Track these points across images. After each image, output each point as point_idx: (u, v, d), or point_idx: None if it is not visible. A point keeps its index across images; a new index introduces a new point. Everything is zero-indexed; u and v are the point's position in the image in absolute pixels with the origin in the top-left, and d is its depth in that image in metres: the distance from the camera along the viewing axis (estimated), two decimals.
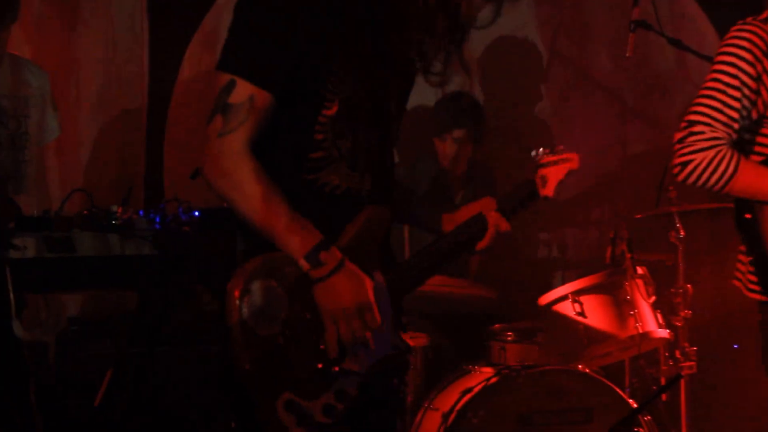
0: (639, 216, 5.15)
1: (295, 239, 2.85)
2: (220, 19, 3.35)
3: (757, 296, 3.75)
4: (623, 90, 6.23)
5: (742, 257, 3.85)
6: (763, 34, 3.61)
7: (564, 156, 3.57)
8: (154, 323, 4.24)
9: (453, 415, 4.77)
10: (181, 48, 5.75)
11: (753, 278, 3.76)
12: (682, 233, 4.98)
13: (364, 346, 2.95)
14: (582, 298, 5.06)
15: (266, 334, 2.85)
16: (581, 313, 5.04)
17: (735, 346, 5.84)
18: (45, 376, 4.46)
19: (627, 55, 5.18)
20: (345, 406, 2.93)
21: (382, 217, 3.05)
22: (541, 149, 3.55)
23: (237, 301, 2.80)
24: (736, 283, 3.90)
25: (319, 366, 2.92)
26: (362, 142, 3.00)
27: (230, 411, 3.06)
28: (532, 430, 4.78)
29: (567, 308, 5.09)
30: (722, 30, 4.17)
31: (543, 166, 3.50)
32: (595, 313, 5.05)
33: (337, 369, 2.95)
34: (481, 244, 3.30)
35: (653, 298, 5.03)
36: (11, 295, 3.73)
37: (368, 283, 2.93)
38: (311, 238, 2.84)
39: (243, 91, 2.81)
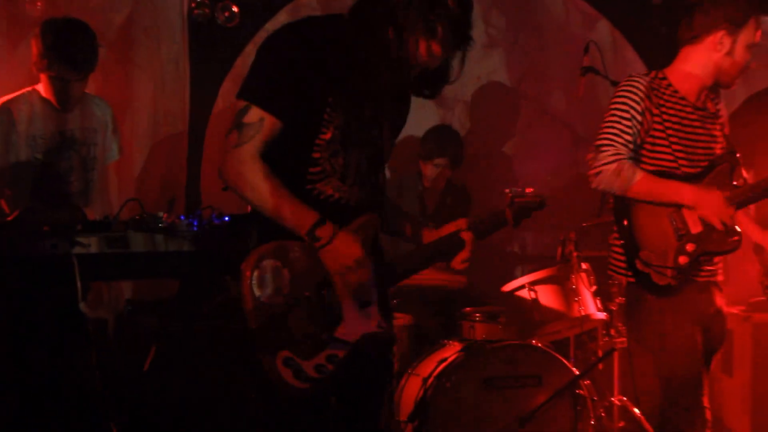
0: (585, 224, 5.17)
1: (298, 221, 2.95)
2: (247, 62, 3.40)
3: (624, 278, 4.04)
4: (575, 122, 6.24)
5: (615, 250, 4.05)
6: (644, 86, 3.88)
7: (533, 196, 3.45)
8: (191, 305, 4.30)
9: (431, 380, 4.80)
10: (216, 86, 5.79)
11: (623, 264, 3.96)
12: None
13: (368, 297, 3.08)
14: (537, 287, 5.15)
15: (270, 303, 2.94)
16: (536, 299, 5.12)
17: None
18: (106, 346, 4.52)
19: (579, 94, 5.22)
20: (334, 367, 3.01)
21: (372, 223, 3.13)
22: (513, 189, 3.46)
23: (249, 273, 2.90)
24: (609, 272, 4.11)
25: (316, 334, 3.01)
26: (352, 162, 3.06)
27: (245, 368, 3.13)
28: (494, 391, 4.78)
29: (524, 295, 5.16)
30: None
31: (515, 202, 3.39)
32: (547, 299, 5.13)
33: (329, 337, 3.02)
34: (464, 256, 3.30)
35: (594, 287, 5.10)
36: (78, 282, 3.77)
37: (358, 247, 3.01)
38: (310, 219, 2.94)
39: (255, 114, 2.93)
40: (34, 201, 4.64)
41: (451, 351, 4.96)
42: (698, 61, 4.00)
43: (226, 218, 4.11)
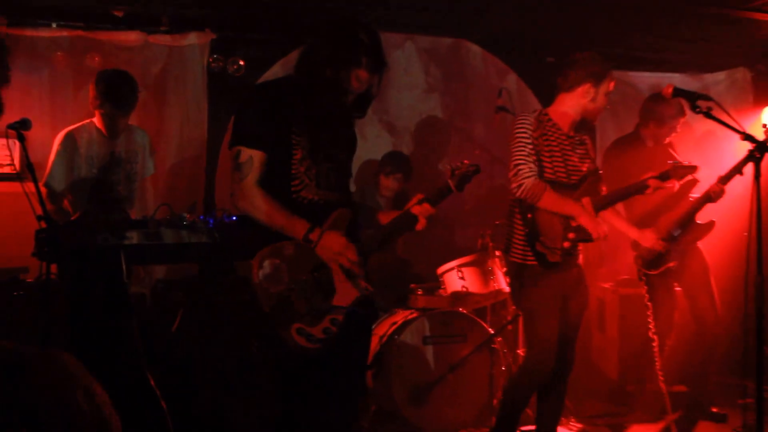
0: (497, 222, 5.15)
1: (293, 231, 3.05)
2: None
3: (519, 260, 4.07)
4: (492, 147, 6.28)
5: (516, 240, 4.11)
6: (532, 120, 4.02)
7: (468, 165, 3.42)
8: (208, 283, 4.31)
9: (385, 338, 4.87)
10: (227, 120, 5.73)
11: (520, 248, 4.06)
12: None
13: (358, 273, 3.13)
14: (463, 269, 5.16)
15: (276, 291, 3.00)
16: (462, 278, 5.15)
17: None
18: (144, 313, 4.53)
19: (494, 126, 5.27)
20: (337, 328, 3.08)
21: (345, 215, 3.19)
22: (452, 162, 3.48)
23: (256, 271, 3.00)
24: (511, 258, 4.17)
25: (316, 306, 3.07)
26: (322, 172, 3.17)
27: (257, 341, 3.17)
28: (431, 346, 4.83)
29: (454, 274, 5.18)
30: None
31: (455, 173, 3.38)
32: (470, 278, 5.14)
33: (328, 306, 3.09)
34: (420, 226, 3.32)
35: (505, 268, 5.07)
36: (124, 266, 3.78)
37: (342, 238, 3.09)
38: (302, 228, 3.05)
39: (245, 154, 3.07)
40: (90, 205, 4.65)
41: (400, 316, 5.03)
42: (571, 104, 4.14)
43: (234, 218, 4.15)
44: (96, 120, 4.78)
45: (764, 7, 5.57)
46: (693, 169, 4.51)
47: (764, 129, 4.39)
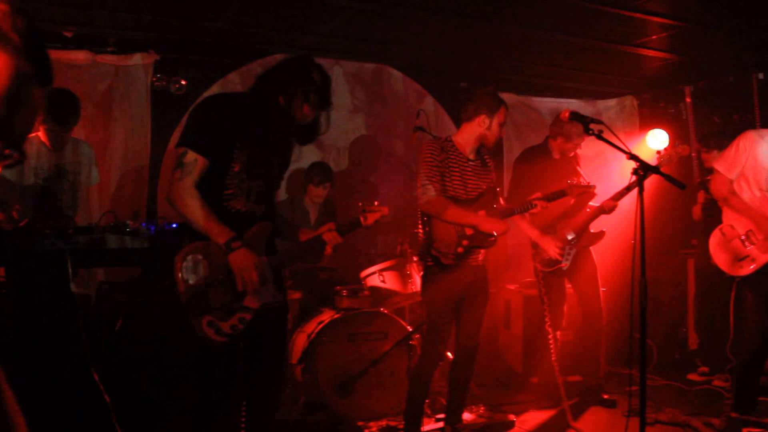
0: (414, 230, 5.17)
1: (220, 235, 3.05)
2: None
3: (425, 262, 4.26)
4: (410, 163, 6.33)
5: (420, 241, 4.27)
6: (439, 145, 4.20)
7: (379, 208, 3.60)
8: (149, 285, 4.22)
9: (313, 335, 4.82)
10: (169, 134, 5.73)
11: (424, 251, 4.23)
12: None
13: (260, 287, 3.13)
14: (384, 273, 5.18)
15: (194, 283, 2.99)
16: (383, 281, 5.18)
17: None
18: (90, 313, 4.41)
19: (413, 144, 5.30)
20: (243, 326, 3.10)
21: (265, 228, 3.20)
22: (365, 202, 3.62)
23: (179, 264, 3.01)
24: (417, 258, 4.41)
25: (228, 304, 3.09)
26: (253, 186, 3.17)
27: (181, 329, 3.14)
28: (355, 343, 4.80)
29: (376, 278, 5.22)
30: None
31: (365, 212, 3.54)
32: (391, 281, 5.16)
33: (239, 306, 3.11)
34: (327, 251, 3.39)
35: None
36: (69, 269, 3.69)
37: (256, 256, 3.08)
38: (228, 235, 3.05)
39: (190, 156, 3.03)
40: (37, 213, 4.51)
41: (327, 316, 4.98)
42: (471, 132, 4.34)
43: (174, 225, 4.10)
44: (41, 134, 4.65)
45: (648, 44, 5.78)
46: (588, 188, 4.65)
47: (657, 155, 4.55)
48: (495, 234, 4.20)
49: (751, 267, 4.70)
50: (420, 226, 4.25)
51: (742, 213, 4.70)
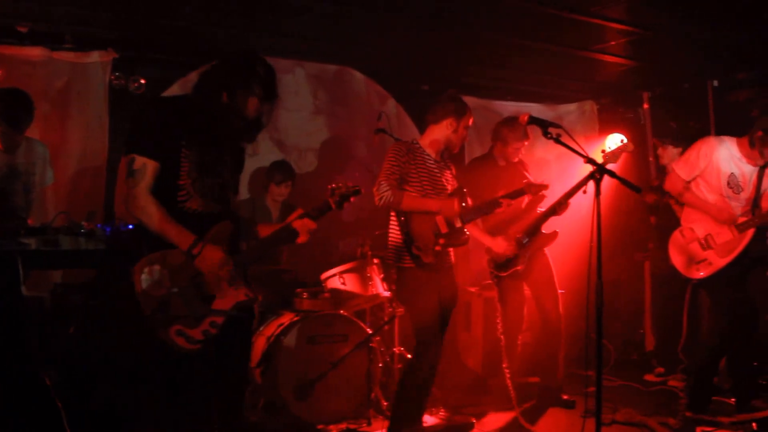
0: (377, 233, 5.17)
1: (180, 240, 2.97)
2: None
3: (401, 264, 4.24)
4: (372, 164, 6.27)
5: (394, 246, 4.27)
6: (405, 147, 4.24)
7: (348, 188, 3.50)
8: (105, 287, 4.13)
9: (272, 338, 4.78)
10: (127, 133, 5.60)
11: (398, 253, 4.23)
12: None
13: (230, 288, 3.07)
14: (344, 275, 5.12)
15: (157, 294, 2.90)
16: (344, 283, 5.12)
17: None
18: (43, 316, 4.31)
19: (374, 146, 5.27)
20: (216, 331, 3.03)
21: (226, 227, 3.13)
22: (336, 183, 3.51)
23: (138, 276, 2.91)
24: (388, 261, 4.34)
25: (194, 311, 3.01)
26: (207, 185, 3.08)
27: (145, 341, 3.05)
28: (315, 345, 4.74)
29: (336, 280, 5.15)
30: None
31: (335, 193, 3.44)
32: (351, 283, 5.10)
33: (208, 310, 3.04)
34: (301, 239, 3.32)
35: (382, 275, 5.12)
36: (21, 271, 3.61)
37: (221, 252, 3.02)
38: (188, 240, 2.97)
39: (139, 162, 2.96)
40: None
41: (286, 318, 4.93)
42: (437, 135, 4.38)
43: (130, 226, 4.02)
44: None
45: (607, 50, 5.82)
46: (544, 186, 4.68)
47: (602, 154, 4.57)
48: (467, 232, 4.29)
49: (707, 271, 4.77)
50: (395, 226, 4.25)
51: (696, 207, 4.81)
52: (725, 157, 4.74)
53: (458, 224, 4.29)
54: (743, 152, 4.74)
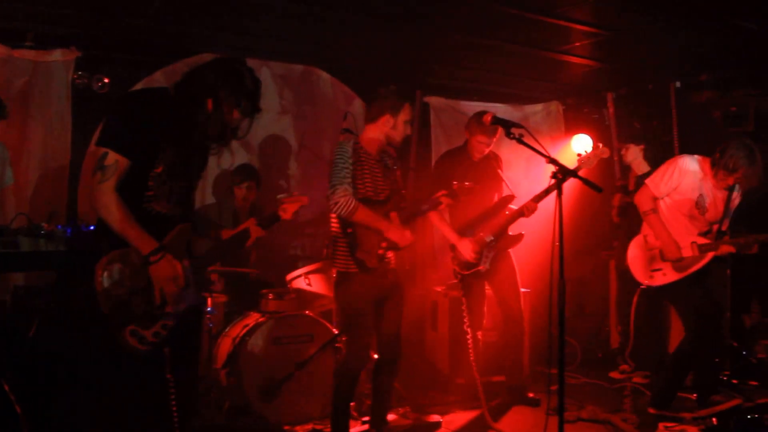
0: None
1: (140, 245, 2.92)
2: None
3: (346, 269, 4.17)
4: None
5: (340, 250, 4.19)
6: (349, 147, 4.14)
7: (297, 198, 3.61)
8: (66, 289, 4.07)
9: (238, 339, 4.75)
10: (90, 133, 5.46)
11: (343, 258, 4.16)
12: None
13: (178, 298, 3.01)
14: (310, 276, 5.12)
15: (116, 294, 2.86)
16: (309, 284, 5.11)
17: None
18: (4, 319, 4.24)
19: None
20: (167, 332, 3.01)
21: (185, 230, 3.10)
22: (284, 194, 3.64)
23: (99, 274, 2.86)
24: (334, 266, 4.26)
25: (151, 311, 2.98)
26: (174, 188, 3.05)
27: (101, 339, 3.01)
28: (280, 346, 4.74)
29: (302, 281, 5.14)
30: None
31: (283, 203, 3.52)
32: (316, 283, 5.11)
33: (161, 312, 3.00)
34: (250, 242, 3.39)
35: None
36: None
37: (178, 265, 2.99)
38: (148, 246, 2.93)
39: (111, 157, 2.89)
40: None
41: (252, 319, 4.91)
42: (376, 133, 4.29)
43: (92, 227, 3.97)
44: None
45: (572, 51, 5.86)
46: (473, 188, 4.61)
47: (578, 158, 4.60)
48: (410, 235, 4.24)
49: (660, 281, 4.83)
50: (339, 232, 4.19)
51: (654, 231, 4.82)
52: (696, 178, 4.76)
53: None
54: (710, 172, 4.74)
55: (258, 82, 3.14)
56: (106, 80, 5.60)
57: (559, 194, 3.47)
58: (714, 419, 4.60)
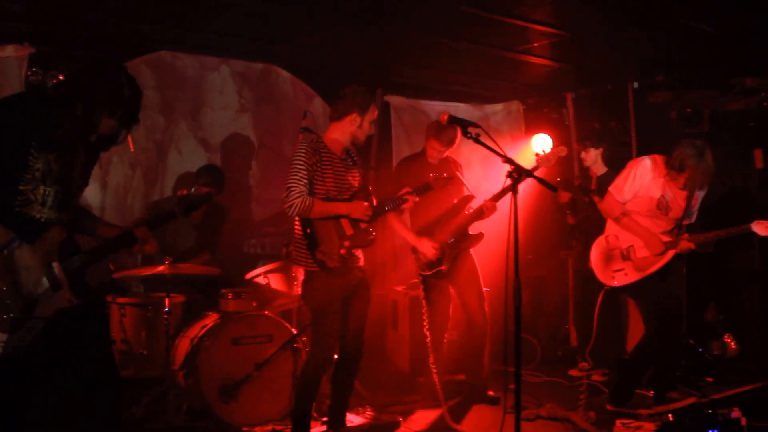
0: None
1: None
2: None
3: (304, 266, 4.17)
4: None
5: (299, 249, 4.18)
6: (310, 146, 4.10)
7: (197, 195, 3.50)
8: None
9: (196, 339, 4.70)
10: None
11: (303, 257, 4.15)
12: None
13: (52, 294, 2.98)
14: (269, 275, 5.07)
15: None
16: (268, 283, 5.06)
17: None
18: None
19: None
20: (33, 336, 2.91)
21: (55, 232, 3.03)
22: (187, 190, 3.51)
23: None
24: (295, 264, 4.25)
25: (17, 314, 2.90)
26: (50, 192, 2.99)
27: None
28: (239, 346, 4.69)
29: (261, 280, 5.08)
30: None
31: (181, 201, 3.41)
32: (276, 283, 5.06)
33: (25, 316, 2.92)
34: (149, 249, 3.29)
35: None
36: None
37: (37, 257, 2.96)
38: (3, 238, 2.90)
39: None
40: None
41: (210, 319, 4.86)
42: (341, 131, 4.26)
43: None
44: None
45: (531, 51, 5.91)
46: (450, 178, 4.63)
47: (537, 157, 4.62)
48: (373, 232, 4.20)
49: (621, 281, 4.89)
50: (298, 231, 4.17)
51: (633, 232, 4.87)
52: (656, 178, 4.81)
53: (363, 225, 4.22)
54: (664, 172, 4.79)
55: (138, 92, 3.06)
56: (60, 77, 5.48)
57: (515, 193, 3.49)
58: (670, 415, 4.66)
